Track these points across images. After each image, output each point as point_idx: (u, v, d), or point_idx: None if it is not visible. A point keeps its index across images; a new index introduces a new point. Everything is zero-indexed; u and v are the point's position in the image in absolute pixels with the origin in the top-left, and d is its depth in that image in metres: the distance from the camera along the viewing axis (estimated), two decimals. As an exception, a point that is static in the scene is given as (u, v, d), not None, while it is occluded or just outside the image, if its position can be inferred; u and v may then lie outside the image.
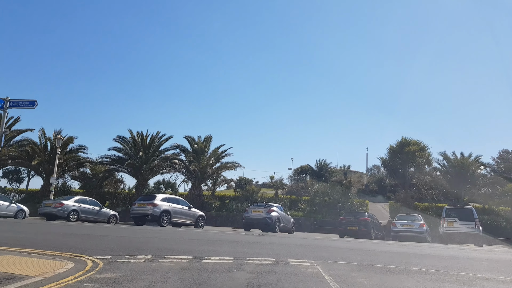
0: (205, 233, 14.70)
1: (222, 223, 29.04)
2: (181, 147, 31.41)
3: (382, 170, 76.03)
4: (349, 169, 66.13)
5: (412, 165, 33.05)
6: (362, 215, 21.27)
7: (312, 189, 32.78)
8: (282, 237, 14.56)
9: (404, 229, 20.41)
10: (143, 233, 12.78)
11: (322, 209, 31.10)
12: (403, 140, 32.92)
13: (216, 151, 31.62)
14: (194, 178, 30.85)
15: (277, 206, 21.23)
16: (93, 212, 21.86)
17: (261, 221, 19.75)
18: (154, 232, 13.18)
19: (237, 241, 10.94)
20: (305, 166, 65.35)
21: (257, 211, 20.09)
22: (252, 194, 31.32)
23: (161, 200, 19.92)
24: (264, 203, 21.34)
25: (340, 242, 13.30)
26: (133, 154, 30.89)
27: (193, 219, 21.53)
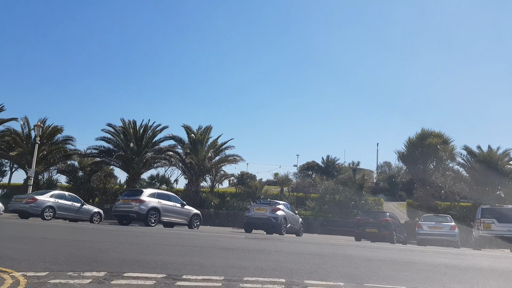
0: (196, 236, 12.20)
1: (221, 222, 26.60)
2: (177, 138, 28.95)
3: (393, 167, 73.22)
4: (358, 166, 63.55)
5: (433, 160, 30.35)
6: (383, 215, 18.71)
7: (321, 186, 30.20)
8: (290, 241, 12.00)
9: (432, 231, 17.86)
10: (116, 236, 10.33)
11: (332, 208, 28.56)
12: (423, 132, 30.18)
13: (215, 143, 29.10)
14: (191, 173, 28.39)
15: (284, 204, 18.73)
16: (72, 209, 19.47)
17: (265, 221, 17.28)
18: (130, 235, 10.71)
19: (234, 248, 8.44)
20: (311, 163, 62.80)
21: (260, 210, 17.60)
22: (255, 190, 28.82)
23: (149, 196, 17.48)
24: (269, 201, 18.84)
25: (365, 250, 10.72)
26: (124, 146, 28.49)
27: (187, 218, 19.08)
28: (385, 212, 19.31)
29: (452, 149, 28.96)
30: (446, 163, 29.57)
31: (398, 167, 67.75)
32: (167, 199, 18.35)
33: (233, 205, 27.40)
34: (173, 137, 28.78)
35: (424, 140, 29.57)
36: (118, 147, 28.74)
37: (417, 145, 29.93)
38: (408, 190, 54.58)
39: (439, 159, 29.13)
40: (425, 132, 30.18)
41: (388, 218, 18.28)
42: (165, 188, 30.35)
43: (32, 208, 18.04)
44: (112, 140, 28.79)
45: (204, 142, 28.39)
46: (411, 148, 30.30)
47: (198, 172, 28.11)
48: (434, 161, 30.50)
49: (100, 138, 28.15)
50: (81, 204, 19.91)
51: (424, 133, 30.14)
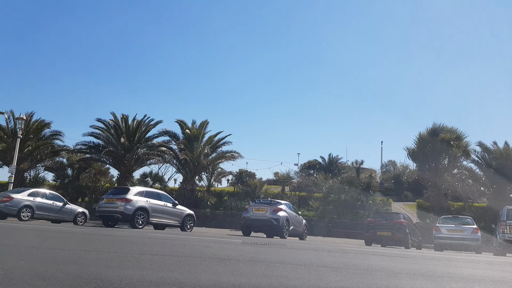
0: (185, 240, 10.65)
1: (218, 223, 25.04)
2: (171, 133, 27.38)
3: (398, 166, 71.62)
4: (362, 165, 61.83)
5: (445, 157, 28.75)
6: (396, 216, 17.13)
7: (325, 185, 28.61)
8: (295, 248, 10.42)
9: (452, 235, 16.30)
10: (87, 241, 8.80)
11: (337, 208, 26.99)
12: (434, 127, 28.60)
13: (212, 139, 27.52)
14: (186, 170, 26.83)
15: (286, 204, 17.18)
16: (53, 209, 17.95)
17: (265, 223, 15.74)
18: (104, 241, 9.16)
19: (228, 258, 6.89)
20: (313, 161, 61.22)
21: (260, 210, 16.05)
22: (255, 189, 27.25)
23: (136, 195, 15.94)
24: (269, 200, 17.30)
25: (386, 259, 9.11)
26: (115, 142, 26.94)
27: (179, 219, 17.55)
28: (399, 213, 17.72)
29: (466, 146, 27.36)
30: (460, 160, 27.93)
31: (404, 166, 66.15)
32: (157, 198, 16.81)
33: (231, 205, 25.85)
34: (166, 132, 27.23)
35: (435, 136, 27.99)
36: (108, 143, 27.20)
37: (428, 141, 28.36)
38: (414, 190, 53.01)
39: (452, 156, 27.53)
40: (437, 127, 28.60)
41: (402, 220, 16.70)
42: (159, 187, 28.77)
43: (8, 207, 16.54)
44: (102, 135, 27.26)
45: (200, 137, 26.83)
46: (421, 144, 28.72)
47: (194, 169, 26.54)
48: (446, 159, 28.90)
49: (89, 133, 26.65)
50: (64, 204, 18.38)
51: (435, 128, 28.57)
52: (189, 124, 27.26)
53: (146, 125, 27.69)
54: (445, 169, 28.48)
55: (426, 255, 11.36)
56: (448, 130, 28.12)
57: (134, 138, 27.10)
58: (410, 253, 11.96)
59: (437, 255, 11.85)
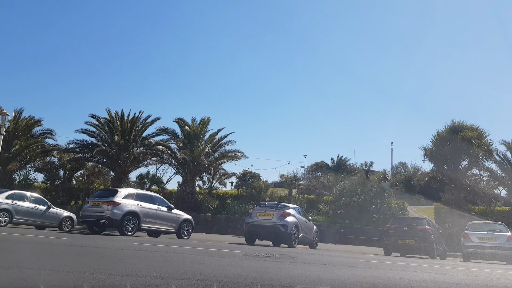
0: (176, 252, 9.02)
1: (220, 229, 23.34)
2: (169, 131, 25.75)
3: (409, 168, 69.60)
4: (371, 167, 59.82)
5: (465, 157, 26.86)
6: (420, 222, 15.37)
7: (336, 187, 26.83)
8: (308, 262, 8.71)
9: (483, 243, 14.51)
10: (48, 254, 7.19)
11: (349, 212, 25.23)
12: (454, 125, 26.73)
13: (213, 137, 25.84)
14: (185, 171, 25.19)
15: (294, 208, 15.50)
16: (35, 213, 16.40)
17: (271, 230, 14.08)
18: (70, 253, 7.55)
19: (222, 279, 5.23)
20: (320, 163, 59.56)
21: (266, 215, 14.38)
22: (260, 192, 25.56)
23: (126, 197, 14.32)
24: (276, 204, 15.60)
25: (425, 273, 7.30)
26: (109, 140, 25.39)
27: (175, 224, 15.92)
28: (422, 218, 15.94)
29: (488, 144, 25.45)
30: (482, 160, 26.04)
31: (415, 168, 64.40)
32: (150, 201, 15.19)
33: (234, 208, 24.18)
34: (164, 129, 25.60)
35: (455, 134, 26.11)
36: (102, 141, 25.66)
37: (447, 139, 26.48)
38: (425, 193, 51.07)
39: (474, 156, 25.63)
40: (456, 125, 26.72)
41: (427, 227, 14.94)
42: (157, 189, 27.17)
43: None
44: (95, 133, 25.71)
45: (200, 136, 25.18)
46: (439, 143, 26.84)
47: (194, 170, 24.89)
48: (466, 159, 27.01)
49: (81, 130, 25.08)
50: (47, 207, 16.82)
51: (455, 126, 26.69)
52: (189, 122, 25.64)
53: (142, 123, 26.12)
54: (466, 170, 26.59)
55: (471, 268, 9.50)
56: (468, 127, 26.23)
57: (129, 136, 25.54)
58: (447, 266, 10.16)
59: (483, 268, 10.05)
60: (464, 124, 26.53)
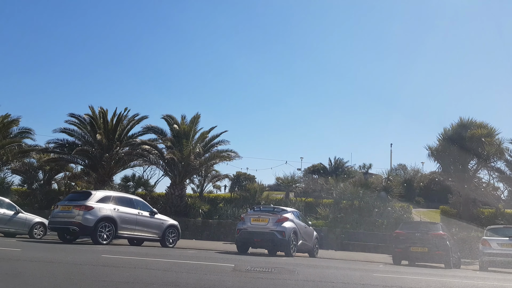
0: (147, 267, 7.45)
1: (211, 234, 21.70)
2: (157, 129, 24.07)
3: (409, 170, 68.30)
4: (370, 169, 58.35)
5: (473, 157, 25.41)
6: (434, 227, 13.84)
7: (336, 189, 25.29)
8: (312, 279, 7.13)
9: (505, 251, 13.02)
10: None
11: (350, 216, 23.70)
12: (461, 123, 25.26)
13: (205, 136, 24.21)
14: (174, 173, 23.54)
15: (292, 212, 13.98)
16: (1, 220, 14.68)
17: (267, 237, 12.56)
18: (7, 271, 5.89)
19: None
20: (318, 165, 58.29)
21: (260, 220, 12.84)
22: (254, 195, 23.97)
23: (100, 201, 12.71)
24: (272, 207, 14.04)
25: None
26: (92, 140, 23.70)
27: (158, 231, 14.34)
28: (436, 223, 14.41)
29: (499, 143, 24.03)
30: (493, 159, 24.60)
31: (415, 170, 63.24)
32: (129, 205, 13.59)
33: (226, 212, 22.55)
34: (151, 128, 23.91)
35: (463, 132, 24.67)
36: (84, 141, 23.97)
37: (454, 138, 25.02)
38: (426, 195, 49.79)
39: (484, 155, 24.18)
40: (464, 122, 25.25)
41: (441, 232, 13.44)
42: (144, 192, 25.48)
43: None
44: (77, 132, 24.00)
45: (190, 134, 23.54)
46: (446, 142, 25.36)
47: (183, 171, 23.25)
48: (475, 158, 25.57)
49: (60, 130, 23.32)
50: (15, 213, 15.17)
51: (463, 124, 25.22)
52: (179, 120, 23.99)
53: (128, 121, 24.47)
54: (475, 171, 25.15)
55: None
56: (477, 125, 24.77)
57: (114, 135, 23.86)
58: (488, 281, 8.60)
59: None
60: (473, 121, 25.09)
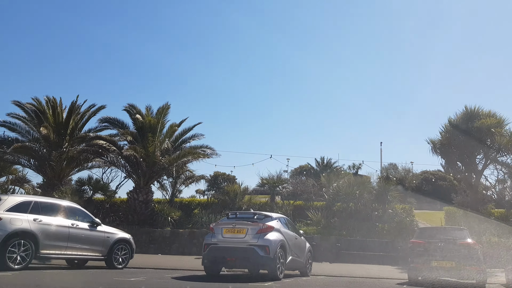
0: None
1: (181, 247, 18.39)
2: (116, 122, 20.61)
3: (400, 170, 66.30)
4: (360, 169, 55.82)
5: (480, 151, 22.82)
6: (460, 234, 10.95)
7: (329, 189, 22.37)
8: None
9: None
10: None
11: (346, 221, 20.79)
12: (467, 112, 22.56)
13: (174, 129, 20.87)
14: (137, 173, 20.21)
15: (279, 219, 10.93)
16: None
17: (244, 254, 9.53)
18: None
19: None
20: (305, 166, 56.18)
21: (236, 231, 9.78)
22: (235, 198, 20.81)
23: (13, 209, 9.46)
24: (252, 213, 10.89)
25: None
26: (38, 136, 20.21)
27: (102, 248, 11.13)
28: (462, 229, 11.48)
29: (511, 134, 21.47)
30: (503, 153, 22.03)
31: (406, 170, 61.37)
32: (59, 214, 10.32)
33: (200, 220, 19.31)
34: (109, 120, 20.42)
35: (470, 122, 22.02)
36: (29, 137, 20.47)
37: (460, 129, 22.37)
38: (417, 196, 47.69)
39: (494, 147, 21.60)
40: (470, 112, 22.53)
41: (471, 241, 10.56)
42: (103, 198, 22.01)
43: None
44: (19, 126, 20.49)
45: (157, 128, 20.21)
46: (451, 134, 22.68)
47: (148, 172, 19.92)
48: (481, 152, 22.99)
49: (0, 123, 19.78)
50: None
51: (469, 113, 22.49)
52: (144, 111, 20.67)
53: (84, 112, 21.05)
54: (484, 166, 22.56)
55: None
56: (485, 114, 22.16)
57: (66, 130, 20.44)
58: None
59: None
60: (480, 111, 22.42)
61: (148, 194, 20.09)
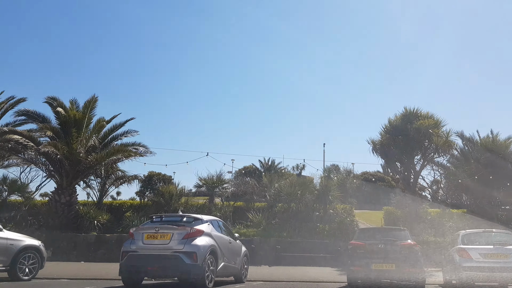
0: None
1: (107, 254, 16.75)
2: (35, 115, 18.54)
3: (342, 171, 67.84)
4: (303, 170, 56.58)
5: (418, 152, 23.35)
6: (401, 235, 10.63)
7: (271, 189, 21.75)
8: None
9: (491, 263, 10.18)
10: None
11: (287, 222, 20.29)
12: (406, 112, 23.02)
13: (102, 124, 19.16)
14: (59, 173, 18.27)
15: (211, 222, 9.94)
16: None
17: (168, 263, 8.51)
18: None
19: None
20: (250, 167, 56.06)
21: (159, 237, 8.71)
22: (170, 200, 19.51)
23: None
24: (179, 216, 9.85)
25: None
26: None
27: (4, 258, 9.79)
28: (402, 229, 11.16)
29: (447, 135, 22.13)
30: (441, 154, 22.69)
31: (347, 171, 62.85)
32: None
33: (131, 224, 17.82)
34: (26, 112, 18.33)
35: (409, 123, 22.45)
36: None
37: (399, 129, 22.75)
38: (358, 196, 48.99)
39: (432, 149, 22.17)
40: (410, 113, 23.02)
41: (411, 242, 10.23)
42: (21, 200, 19.76)
43: None
44: None
45: (83, 123, 18.42)
46: (390, 134, 23.00)
47: (72, 171, 18.07)
48: (419, 153, 23.55)
49: None
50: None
51: (408, 114, 22.96)
52: (68, 104, 18.75)
53: (0, 105, 18.73)
54: (422, 166, 23.10)
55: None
56: (423, 115, 22.73)
57: (-25, 124, 18.07)
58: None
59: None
60: (419, 112, 22.96)
61: (72, 195, 18.22)
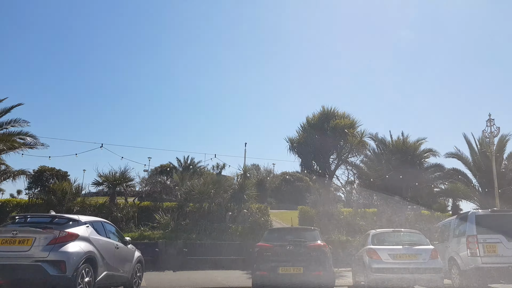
0: None
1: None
2: None
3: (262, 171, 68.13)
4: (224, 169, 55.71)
5: (333, 151, 23.50)
6: (310, 235, 9.91)
7: (182, 188, 20.29)
8: None
9: (400, 264, 9.94)
10: None
11: (198, 223, 18.97)
12: (324, 111, 23.10)
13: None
14: None
15: (92, 224, 8.40)
16: None
17: (25, 274, 6.85)
18: None
19: None
20: (167, 165, 54.13)
21: (16, 242, 7.04)
22: (63, 198, 17.16)
23: None
24: (50, 216, 8.10)
25: None
26: None
27: None
28: (312, 229, 10.41)
29: (362, 135, 22.50)
30: (355, 153, 23.02)
31: (267, 170, 63.30)
32: None
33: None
34: None
35: (326, 122, 22.49)
36: None
37: (317, 128, 22.70)
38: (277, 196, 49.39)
39: (346, 148, 22.37)
40: (327, 112, 23.13)
41: (320, 243, 9.56)
42: None
43: None
44: None
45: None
46: (308, 133, 22.87)
47: None
48: (335, 152, 23.72)
49: None
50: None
51: (325, 113, 23.05)
52: None
53: None
54: (336, 165, 23.25)
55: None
56: (340, 115, 22.93)
57: None
58: None
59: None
60: (336, 112, 23.12)
61: None
